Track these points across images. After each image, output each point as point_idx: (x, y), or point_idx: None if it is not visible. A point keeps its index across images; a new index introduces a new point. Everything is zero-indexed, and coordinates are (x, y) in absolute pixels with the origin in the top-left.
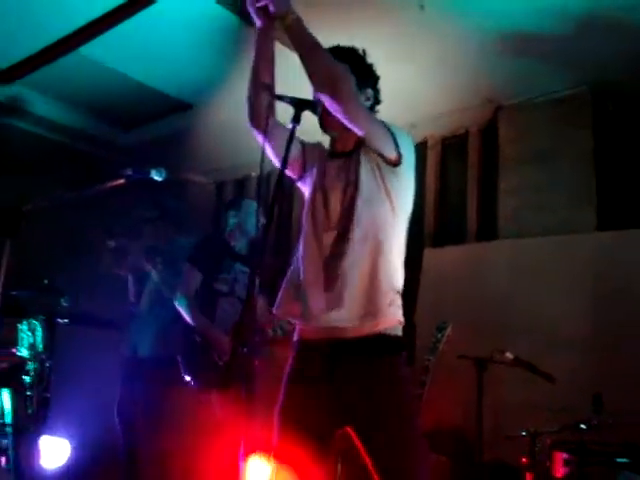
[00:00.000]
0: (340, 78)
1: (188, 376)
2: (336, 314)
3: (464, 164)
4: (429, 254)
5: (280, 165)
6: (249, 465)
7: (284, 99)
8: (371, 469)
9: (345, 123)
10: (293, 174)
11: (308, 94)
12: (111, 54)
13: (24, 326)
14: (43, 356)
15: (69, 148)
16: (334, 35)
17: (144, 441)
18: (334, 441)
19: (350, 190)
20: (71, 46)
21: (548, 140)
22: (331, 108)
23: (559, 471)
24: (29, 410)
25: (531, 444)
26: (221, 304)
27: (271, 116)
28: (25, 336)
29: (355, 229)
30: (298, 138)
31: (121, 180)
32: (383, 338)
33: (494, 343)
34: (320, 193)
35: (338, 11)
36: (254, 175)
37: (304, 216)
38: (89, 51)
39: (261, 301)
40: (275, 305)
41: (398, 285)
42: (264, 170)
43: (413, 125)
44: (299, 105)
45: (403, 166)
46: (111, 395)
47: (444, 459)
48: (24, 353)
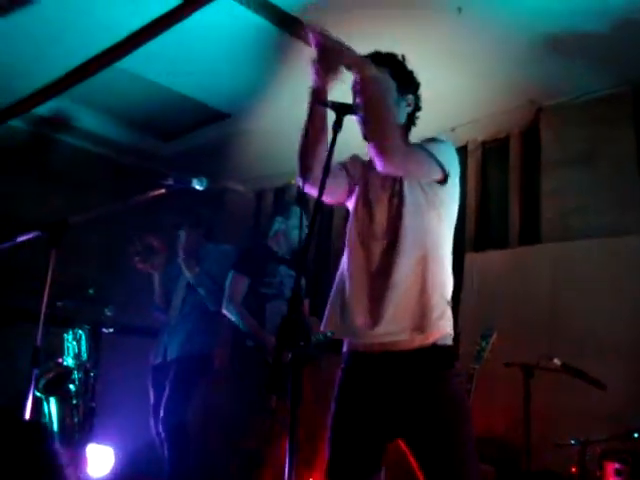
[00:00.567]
0: (391, 139)
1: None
2: (385, 327)
3: (505, 167)
4: (471, 259)
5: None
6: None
7: (326, 104)
8: None
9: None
10: (340, 201)
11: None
12: (148, 65)
13: (69, 336)
14: (88, 365)
15: (113, 161)
16: (373, 40)
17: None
18: (385, 453)
19: (395, 201)
20: (112, 58)
21: (590, 141)
22: (372, 156)
23: None
24: (75, 419)
25: (581, 453)
26: (269, 308)
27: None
28: (70, 346)
29: (403, 239)
30: (338, 166)
31: (162, 190)
32: (434, 350)
33: (538, 349)
34: (365, 204)
35: (376, 17)
36: (294, 183)
37: (349, 228)
38: (128, 64)
39: (306, 304)
40: (322, 323)
41: (448, 295)
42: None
43: (453, 129)
44: (341, 109)
45: (450, 179)
46: None
47: (489, 468)
48: (70, 362)
